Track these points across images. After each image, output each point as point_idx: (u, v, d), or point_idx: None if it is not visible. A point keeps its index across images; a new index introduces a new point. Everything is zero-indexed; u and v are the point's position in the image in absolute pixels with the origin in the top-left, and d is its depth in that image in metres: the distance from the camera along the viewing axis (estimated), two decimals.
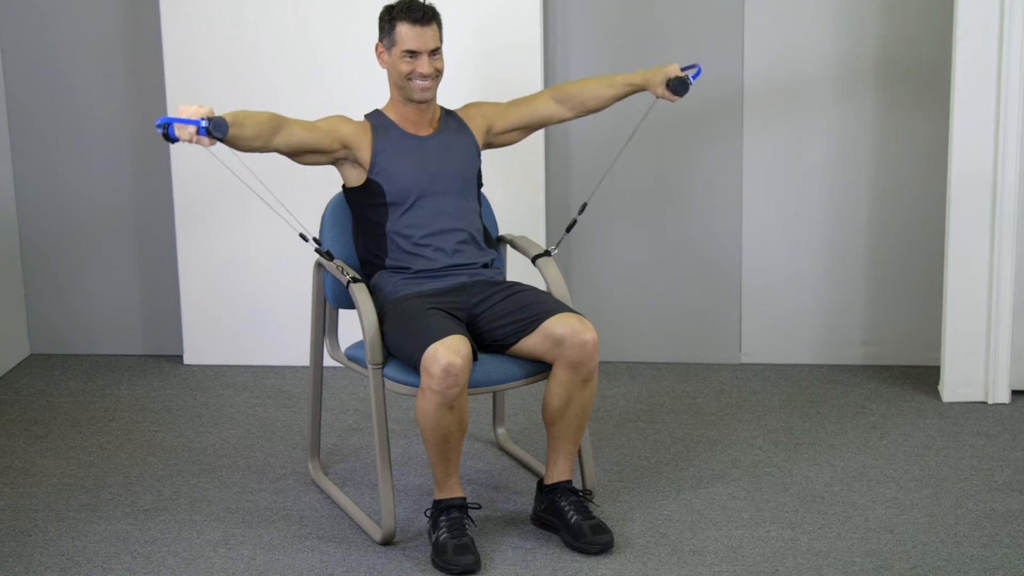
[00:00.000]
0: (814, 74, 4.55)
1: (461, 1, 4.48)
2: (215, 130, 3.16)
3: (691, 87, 3.62)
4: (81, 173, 4.87)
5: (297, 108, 4.59)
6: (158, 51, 4.68)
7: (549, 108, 3.73)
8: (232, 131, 3.23)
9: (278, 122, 3.39)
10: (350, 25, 4.51)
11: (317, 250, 3.49)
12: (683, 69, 3.65)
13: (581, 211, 3.80)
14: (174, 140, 3.16)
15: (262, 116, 3.35)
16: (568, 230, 3.79)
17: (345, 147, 3.52)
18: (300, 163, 3.52)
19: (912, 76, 4.52)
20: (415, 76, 3.51)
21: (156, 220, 4.87)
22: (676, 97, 3.64)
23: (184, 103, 4.52)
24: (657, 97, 3.68)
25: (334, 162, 3.56)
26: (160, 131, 3.16)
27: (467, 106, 3.74)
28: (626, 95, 3.73)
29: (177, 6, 4.58)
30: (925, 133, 4.53)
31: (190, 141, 3.16)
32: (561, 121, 3.76)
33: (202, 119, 3.15)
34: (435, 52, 3.52)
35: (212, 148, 3.30)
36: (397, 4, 3.52)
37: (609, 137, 4.65)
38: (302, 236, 3.44)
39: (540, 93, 3.76)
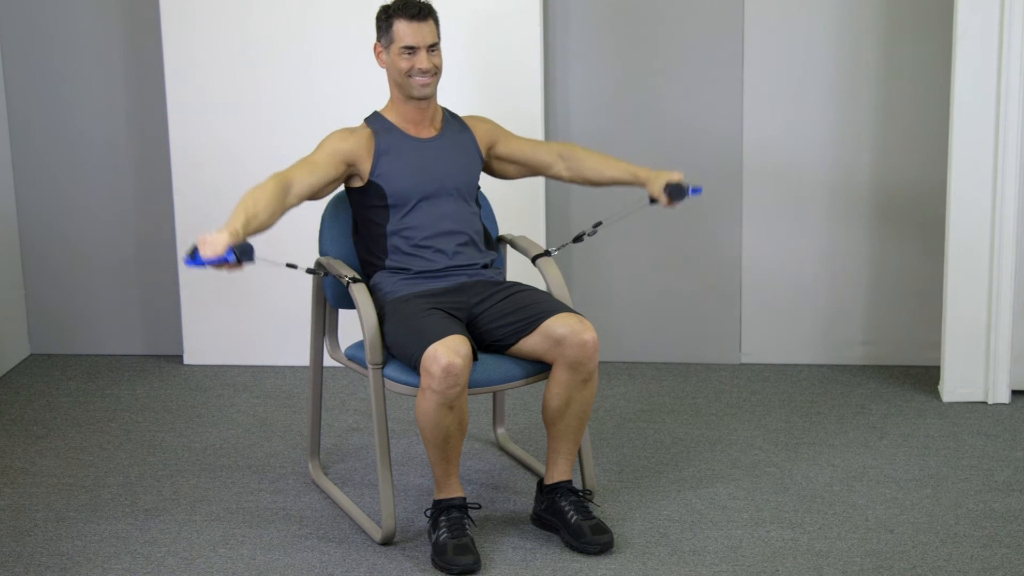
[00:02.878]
0: (815, 52, 4.54)
1: (461, 5, 4.48)
2: (244, 257, 3.14)
3: (686, 199, 3.55)
4: (81, 173, 4.87)
5: (297, 108, 4.61)
6: (158, 51, 4.68)
7: (550, 158, 3.71)
8: (251, 227, 3.22)
9: (284, 185, 3.37)
10: (350, 25, 4.51)
11: (309, 271, 3.51)
12: (687, 182, 3.56)
13: (595, 229, 3.71)
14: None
15: (268, 190, 3.32)
16: (575, 240, 3.73)
17: (349, 165, 3.52)
18: (317, 198, 3.52)
19: (913, 73, 4.53)
20: (414, 72, 3.51)
21: (156, 220, 4.87)
22: (671, 202, 3.55)
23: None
24: (651, 198, 3.60)
25: (345, 181, 3.56)
26: (191, 266, 3.16)
27: (475, 117, 3.73)
28: (625, 183, 3.67)
29: (177, 6, 4.58)
30: (926, 132, 4.53)
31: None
32: (556, 177, 3.73)
33: (229, 252, 3.12)
34: (433, 48, 3.52)
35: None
36: (393, 3, 3.53)
37: (610, 137, 4.66)
38: (289, 265, 3.46)
39: (549, 142, 3.76)
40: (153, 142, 4.81)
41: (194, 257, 3.13)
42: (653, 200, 3.60)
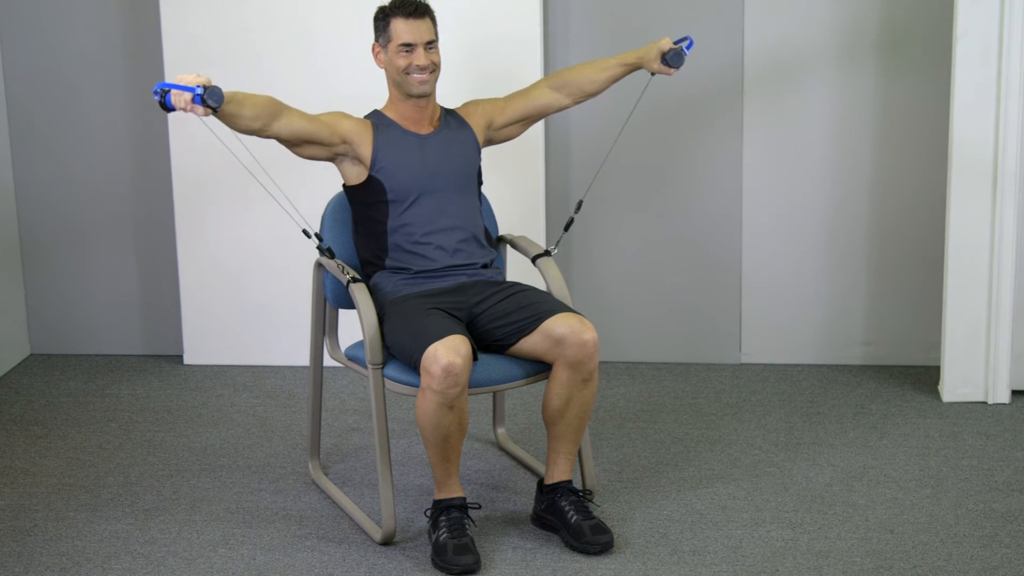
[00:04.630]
0: (814, 55, 4.53)
1: (461, 2, 4.48)
2: (210, 98, 3.14)
3: (686, 58, 3.62)
4: (81, 172, 4.87)
5: (298, 101, 4.59)
6: (158, 51, 4.68)
7: (547, 97, 3.73)
8: (229, 108, 3.24)
9: (278, 107, 3.41)
10: (351, 25, 4.51)
11: (319, 247, 3.50)
12: (675, 42, 3.64)
13: (577, 209, 3.79)
14: (170, 108, 3.16)
15: (261, 99, 3.36)
16: (566, 229, 3.79)
17: (345, 142, 3.53)
18: (299, 155, 3.52)
19: (912, 73, 4.53)
20: (412, 69, 3.52)
21: (156, 219, 4.87)
22: (672, 70, 3.63)
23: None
24: (652, 73, 3.68)
25: (333, 157, 3.56)
26: (157, 98, 3.16)
27: (466, 104, 3.74)
28: (623, 75, 3.73)
29: (177, 6, 4.58)
30: (926, 130, 4.53)
31: (185, 109, 3.16)
32: (561, 109, 3.76)
33: (198, 87, 3.14)
34: (431, 45, 3.53)
35: (221, 134, 3.33)
36: (391, 2, 3.55)
37: (610, 134, 4.65)
38: (305, 232, 3.46)
39: (537, 83, 3.76)
40: (153, 142, 4.80)
41: (164, 96, 3.14)
42: (654, 73, 3.67)
